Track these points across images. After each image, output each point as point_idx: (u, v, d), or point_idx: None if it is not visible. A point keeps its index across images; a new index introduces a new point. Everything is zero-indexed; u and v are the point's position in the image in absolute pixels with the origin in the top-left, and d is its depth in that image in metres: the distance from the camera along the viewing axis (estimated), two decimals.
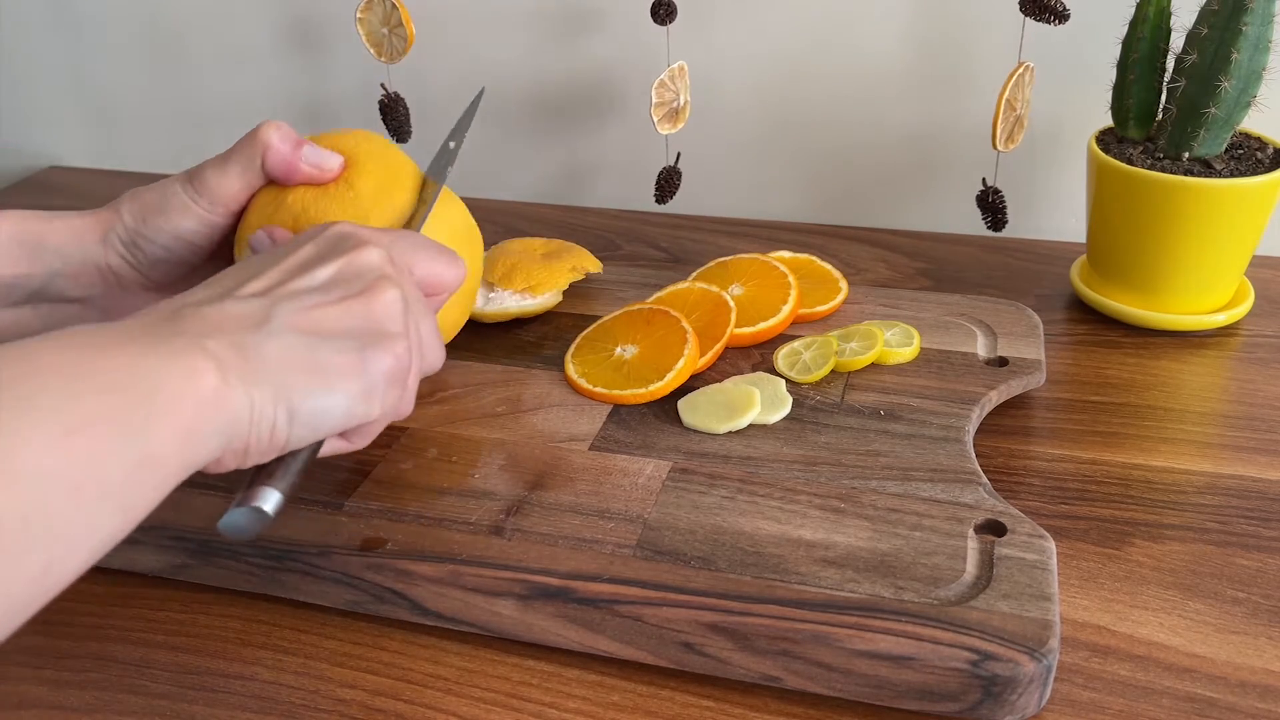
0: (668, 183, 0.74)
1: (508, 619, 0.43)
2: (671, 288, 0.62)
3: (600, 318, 0.60)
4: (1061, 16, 0.61)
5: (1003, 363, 0.56)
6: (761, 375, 0.55)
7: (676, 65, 0.70)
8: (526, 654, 0.43)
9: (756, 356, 0.58)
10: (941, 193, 0.80)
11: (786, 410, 0.52)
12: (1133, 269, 0.63)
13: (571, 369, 0.56)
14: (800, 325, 0.60)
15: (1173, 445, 0.54)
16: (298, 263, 0.38)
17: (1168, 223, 0.60)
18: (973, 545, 0.43)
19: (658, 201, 0.75)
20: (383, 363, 0.37)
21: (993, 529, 0.44)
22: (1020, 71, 0.63)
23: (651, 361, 0.55)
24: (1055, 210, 0.78)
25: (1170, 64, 0.60)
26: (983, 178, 0.69)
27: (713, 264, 0.64)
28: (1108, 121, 0.65)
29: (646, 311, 0.59)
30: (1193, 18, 0.59)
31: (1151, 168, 0.60)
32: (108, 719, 0.41)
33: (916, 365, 0.56)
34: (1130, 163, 0.61)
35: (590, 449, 0.50)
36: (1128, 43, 0.62)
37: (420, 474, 0.49)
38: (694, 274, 0.64)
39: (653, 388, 0.54)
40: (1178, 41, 0.60)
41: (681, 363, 0.54)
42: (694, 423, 0.52)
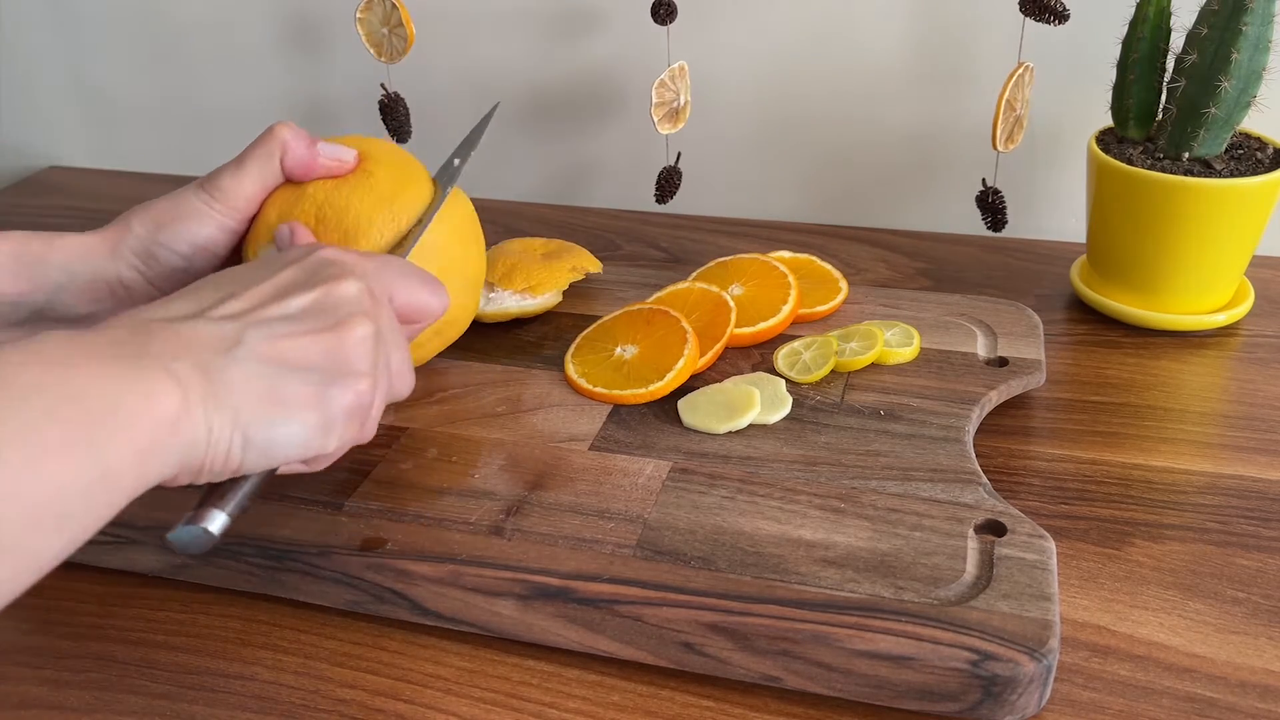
0: (668, 183, 0.75)
1: (508, 619, 0.43)
2: (671, 288, 0.62)
3: (600, 318, 0.60)
4: (1061, 17, 0.61)
5: (1003, 363, 0.56)
6: (761, 375, 0.55)
7: (676, 65, 0.70)
8: (526, 654, 0.43)
9: (756, 356, 0.58)
10: (941, 193, 0.80)
11: (786, 410, 0.52)
12: (1133, 269, 0.63)
13: (571, 369, 0.56)
14: (800, 325, 0.60)
15: (1173, 445, 0.54)
16: (276, 287, 0.38)
17: (1168, 223, 0.60)
18: (973, 545, 0.43)
19: (658, 201, 0.75)
20: (344, 399, 0.37)
21: (993, 529, 0.44)
22: (1020, 72, 0.63)
23: (651, 361, 0.55)
24: (1055, 210, 0.78)
25: (1170, 64, 0.60)
26: (983, 178, 0.69)
27: (713, 264, 0.64)
28: (1108, 121, 0.65)
29: (646, 311, 0.59)
30: (1193, 18, 0.59)
31: (1151, 168, 0.60)
32: (108, 719, 0.41)
33: (916, 365, 0.56)
34: (1130, 163, 0.61)
35: (590, 449, 0.50)
36: (1128, 43, 0.62)
37: (420, 474, 0.49)
38: (694, 274, 0.64)
39: (653, 388, 0.54)
40: (1178, 41, 0.60)
41: (681, 363, 0.54)
42: (694, 423, 0.52)
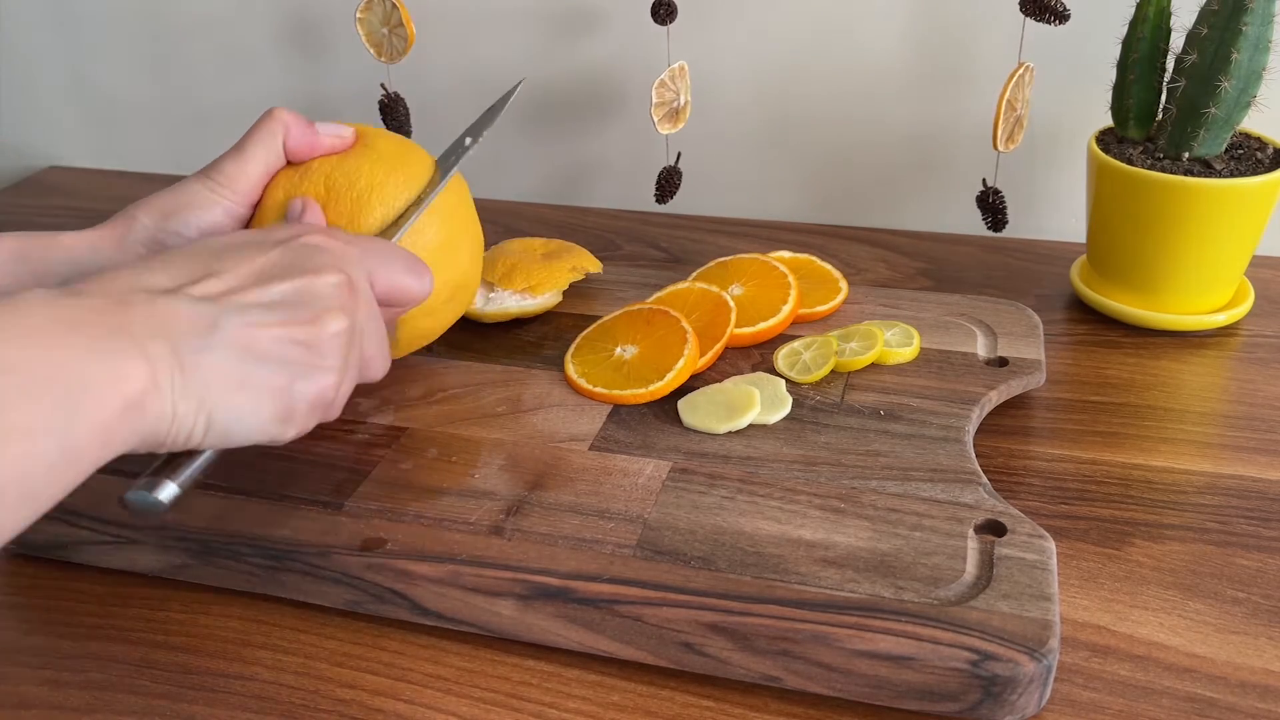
0: (668, 183, 0.74)
1: (508, 619, 0.43)
2: (671, 288, 0.62)
3: (600, 318, 0.60)
4: (1062, 17, 0.61)
5: (1003, 363, 0.56)
6: (761, 375, 0.55)
7: (676, 65, 0.70)
8: (526, 654, 0.43)
9: (756, 356, 0.58)
10: (941, 193, 0.80)
11: (786, 410, 0.52)
12: (1133, 269, 0.63)
13: (571, 369, 0.56)
14: (800, 325, 0.60)
15: (1173, 445, 0.54)
16: (259, 270, 0.38)
17: (1168, 223, 0.60)
18: (973, 545, 0.43)
19: (658, 201, 0.75)
20: (307, 394, 0.38)
21: (993, 529, 0.44)
22: (1020, 72, 0.63)
23: (651, 361, 0.55)
24: (1055, 210, 0.78)
25: (1170, 64, 0.60)
26: (983, 178, 0.69)
27: (713, 264, 0.64)
28: (1108, 121, 0.65)
29: (646, 311, 0.59)
30: (1193, 18, 0.59)
31: (1151, 168, 0.60)
32: (108, 719, 0.41)
33: (916, 365, 0.56)
34: (1130, 163, 0.61)
35: (590, 449, 0.50)
36: (1128, 43, 0.62)
37: (420, 474, 0.49)
38: (694, 274, 0.64)
39: (653, 388, 0.54)
40: (1178, 41, 0.60)
41: (681, 363, 0.54)
42: (694, 423, 0.52)
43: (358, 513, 0.47)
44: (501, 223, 0.82)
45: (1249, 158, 0.61)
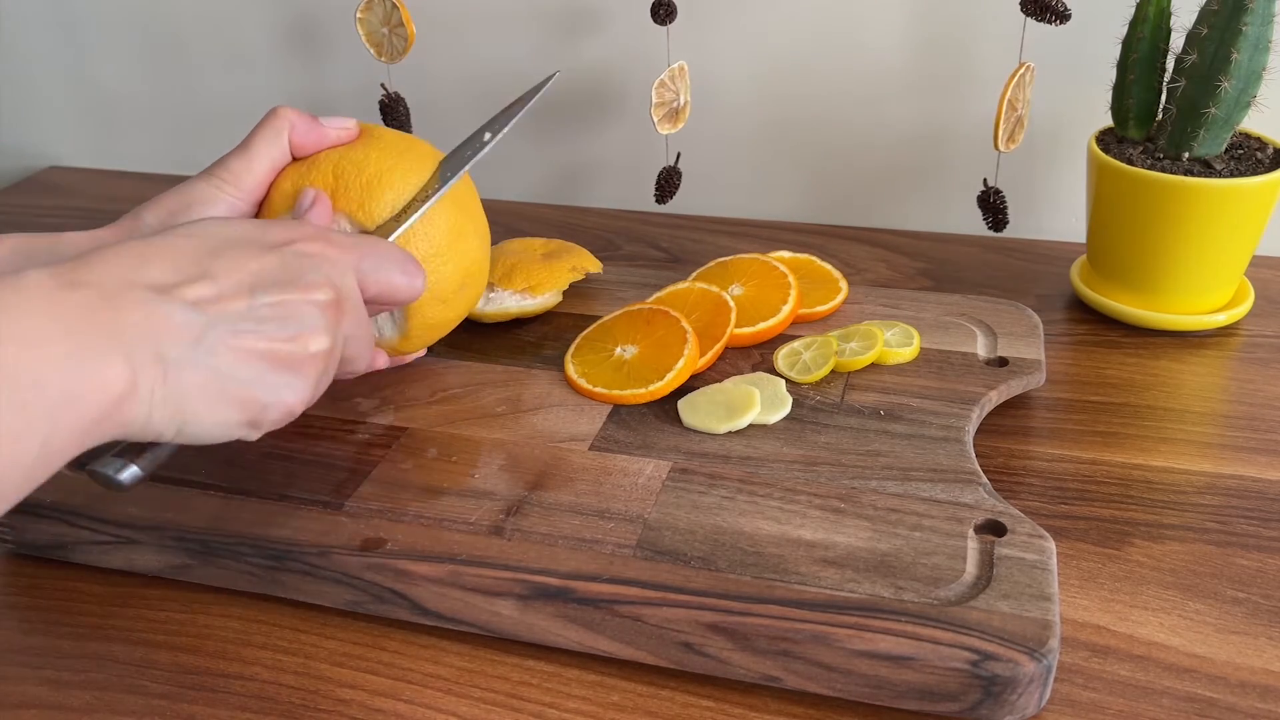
0: (668, 183, 0.75)
1: (508, 619, 0.43)
2: (671, 288, 0.62)
3: (600, 318, 0.60)
4: (1063, 17, 0.61)
5: (1003, 363, 0.56)
6: (761, 375, 0.55)
7: (676, 65, 0.70)
8: (526, 654, 0.43)
9: (756, 356, 0.58)
10: (941, 193, 0.80)
11: (786, 410, 0.52)
12: (1133, 269, 0.63)
13: (571, 369, 0.56)
14: (800, 325, 0.60)
15: (1173, 445, 0.54)
16: (251, 277, 0.38)
17: (1168, 223, 0.60)
18: (973, 545, 0.43)
19: (658, 201, 0.75)
20: (277, 407, 0.39)
21: (993, 529, 0.44)
22: (1021, 72, 0.63)
23: (651, 361, 0.55)
24: (1055, 210, 0.78)
25: (1170, 64, 0.60)
26: (984, 178, 0.69)
27: (713, 264, 0.64)
28: (1108, 121, 0.65)
29: (646, 311, 0.59)
30: (1193, 18, 0.59)
31: (1151, 168, 0.60)
32: (108, 719, 0.41)
33: (916, 365, 0.56)
34: (1130, 163, 0.61)
35: (590, 449, 0.50)
36: (1128, 43, 0.62)
37: (420, 474, 0.49)
38: (694, 274, 0.64)
39: (653, 388, 0.54)
40: (1178, 41, 0.60)
41: (681, 363, 0.54)
42: (694, 423, 0.52)
43: (358, 513, 0.47)
44: (501, 223, 0.82)
45: (1249, 158, 0.61)
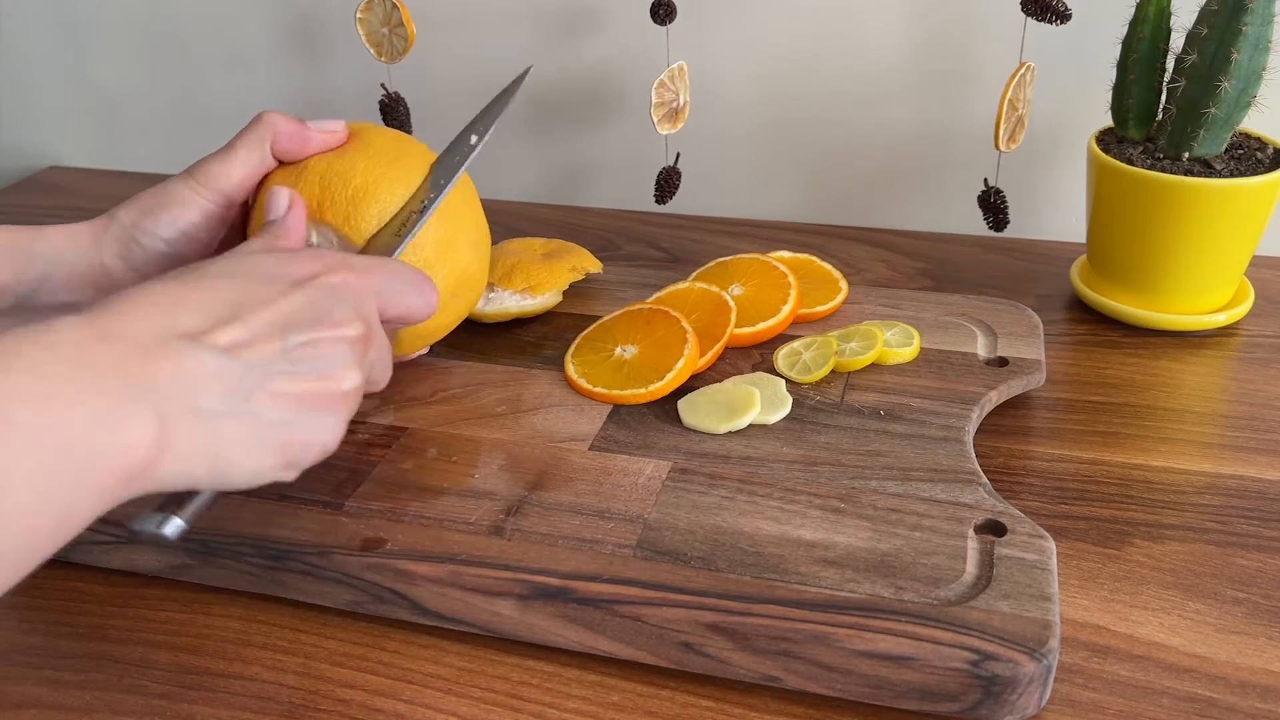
0: (667, 183, 0.75)
1: (508, 619, 0.43)
2: (671, 288, 0.62)
3: (600, 318, 0.60)
4: (1063, 16, 0.61)
5: (1003, 363, 0.56)
6: (761, 375, 0.55)
7: (676, 65, 0.70)
8: (526, 654, 0.43)
9: (756, 356, 0.58)
10: (942, 193, 0.80)
11: (786, 410, 0.52)
12: (1133, 269, 0.63)
13: (571, 369, 0.56)
14: (800, 325, 0.60)
15: (1173, 445, 0.54)
16: (281, 318, 0.37)
17: (1168, 223, 0.60)
18: (973, 545, 0.43)
19: (657, 201, 0.75)
20: (316, 450, 0.38)
21: (993, 529, 0.44)
22: (1022, 71, 0.63)
23: (651, 361, 0.55)
24: (1055, 210, 0.78)
25: (1170, 64, 0.60)
26: (984, 178, 0.69)
27: (713, 264, 0.64)
28: (1108, 121, 0.65)
29: (646, 311, 0.59)
30: (1193, 18, 0.59)
31: (1151, 168, 0.60)
32: (108, 719, 0.41)
33: (916, 365, 0.56)
34: (1130, 163, 0.61)
35: (590, 449, 0.50)
36: (1128, 43, 0.62)
37: (420, 474, 0.49)
38: (694, 274, 0.64)
39: (653, 388, 0.54)
40: (1178, 41, 0.60)
41: (681, 363, 0.54)
42: (694, 423, 0.52)
43: (358, 513, 0.47)
44: (501, 223, 0.82)
45: (1249, 158, 0.61)
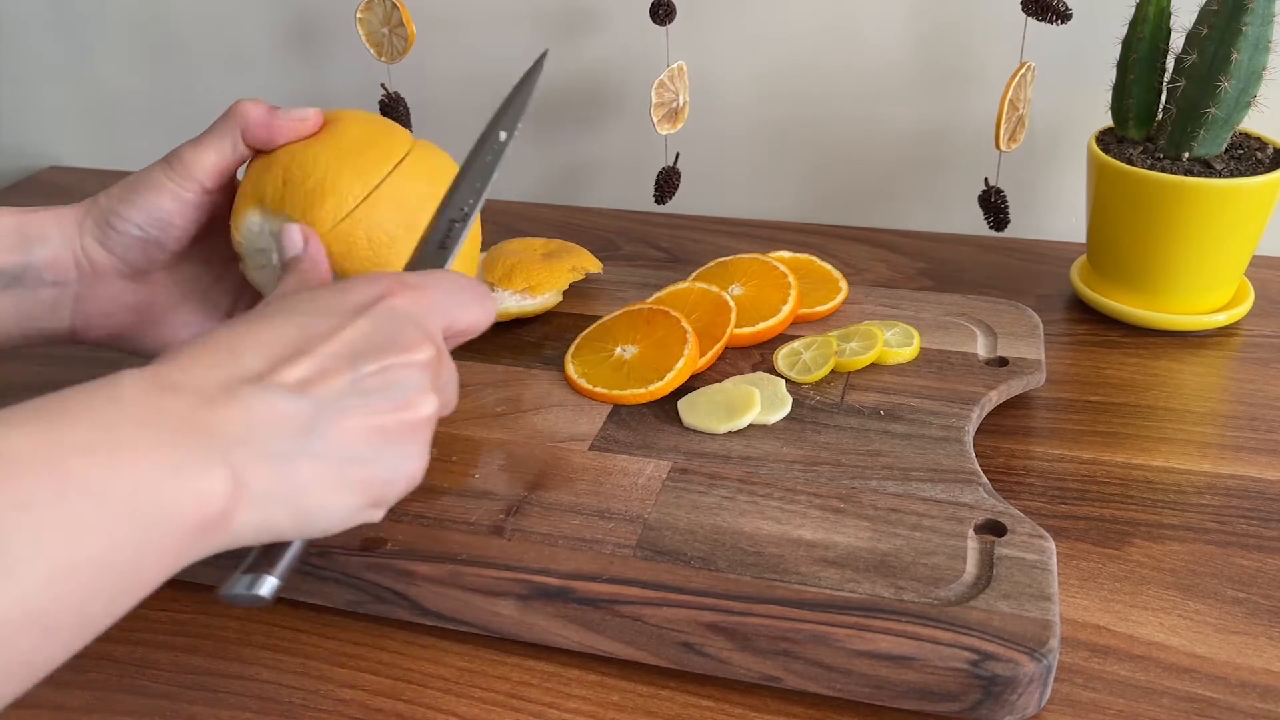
0: (667, 183, 0.75)
1: (508, 619, 0.43)
2: (671, 288, 0.62)
3: (600, 318, 0.60)
4: (1064, 16, 0.61)
5: (1003, 363, 0.56)
6: (761, 375, 0.55)
7: (676, 65, 0.70)
8: (526, 654, 0.43)
9: (756, 356, 0.58)
10: (942, 192, 0.80)
11: (786, 410, 0.52)
12: (1133, 269, 0.63)
13: (571, 369, 0.56)
14: (800, 325, 0.60)
15: (1173, 445, 0.54)
16: (348, 348, 0.35)
17: (1168, 223, 0.60)
18: (973, 545, 0.43)
19: (657, 201, 0.75)
20: (403, 483, 0.36)
21: (993, 529, 0.44)
22: (1023, 71, 0.63)
23: (651, 361, 0.55)
24: (1056, 210, 0.78)
25: (1170, 64, 0.60)
26: (985, 177, 0.69)
27: (713, 264, 0.64)
28: (1108, 121, 0.65)
29: (646, 311, 0.59)
30: (1193, 18, 0.59)
31: (1151, 168, 0.60)
32: (108, 719, 0.41)
33: (916, 365, 0.56)
34: (1130, 163, 0.61)
35: (590, 449, 0.50)
36: (1128, 43, 0.62)
37: None
38: (694, 274, 0.64)
39: (653, 388, 0.54)
40: (1178, 41, 0.60)
41: (681, 363, 0.54)
42: (694, 423, 0.52)
43: None
44: (501, 223, 0.82)
45: (1249, 158, 0.61)
